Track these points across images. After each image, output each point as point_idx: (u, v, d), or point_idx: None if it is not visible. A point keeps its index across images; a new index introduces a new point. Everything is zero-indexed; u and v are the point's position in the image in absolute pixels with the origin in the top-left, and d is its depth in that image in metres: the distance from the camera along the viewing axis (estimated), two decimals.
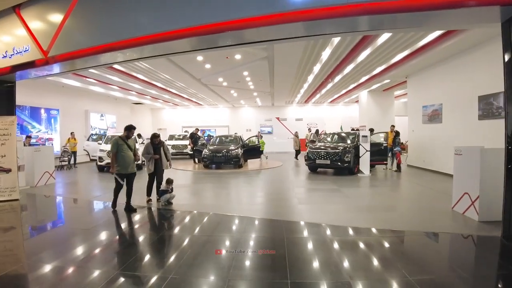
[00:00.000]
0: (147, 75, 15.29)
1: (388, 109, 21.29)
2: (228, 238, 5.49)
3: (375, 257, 4.65)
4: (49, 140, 16.75)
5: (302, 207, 7.78)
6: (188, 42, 6.51)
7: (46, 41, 7.25)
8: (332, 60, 13.06)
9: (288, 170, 15.46)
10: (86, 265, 4.35)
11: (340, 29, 6.00)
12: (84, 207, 8.56)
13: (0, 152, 8.75)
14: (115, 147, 7.21)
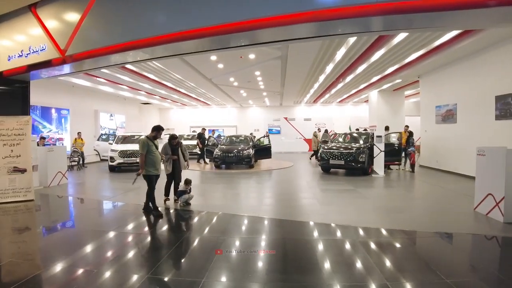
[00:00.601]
0: (158, 75, 15.23)
1: (399, 109, 21.07)
2: (259, 241, 5.36)
3: (408, 259, 4.59)
4: (59, 140, 16.74)
5: (324, 208, 7.62)
6: (203, 42, 6.43)
7: (63, 40, 7.17)
8: (346, 60, 12.92)
9: (300, 170, 15.34)
10: (115, 269, 4.25)
11: (355, 29, 5.91)
12: (102, 208, 8.47)
13: (15, 152, 8.69)
14: (145, 147, 6.96)
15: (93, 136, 19.43)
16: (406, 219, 6.69)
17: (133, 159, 14.26)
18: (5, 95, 9.25)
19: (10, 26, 8.44)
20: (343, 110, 28.89)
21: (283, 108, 29.25)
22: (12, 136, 8.67)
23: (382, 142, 12.75)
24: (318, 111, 29.07)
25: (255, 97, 23.84)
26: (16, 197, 8.57)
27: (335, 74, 15.57)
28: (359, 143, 13.83)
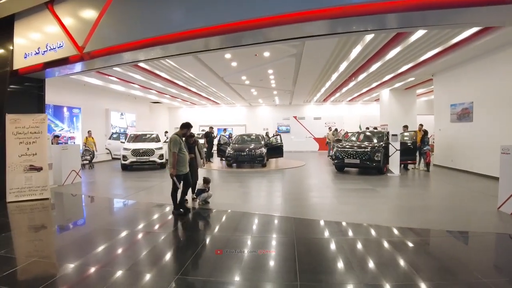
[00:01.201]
0: (170, 73, 15.17)
1: (410, 108, 20.84)
2: (287, 240, 5.23)
3: (443, 258, 4.47)
4: (71, 139, 16.76)
5: (346, 208, 7.47)
6: (218, 40, 6.42)
7: (81, 37, 7.11)
8: (360, 58, 12.75)
9: (313, 169, 15.23)
10: (143, 270, 4.14)
11: (368, 26, 5.86)
12: (119, 207, 8.42)
13: (32, 150, 8.65)
14: (177, 145, 6.66)
15: (104, 135, 19.46)
16: (431, 218, 6.56)
17: (146, 157, 14.26)
18: (20, 93, 9.23)
19: (26, 24, 8.42)
20: (353, 109, 28.63)
21: (292, 107, 29.08)
22: (28, 134, 8.63)
23: (397, 141, 12.57)
24: (327, 109, 28.85)
25: (265, 96, 23.71)
26: (32, 196, 8.53)
27: (348, 72, 15.40)
28: (373, 142, 13.66)
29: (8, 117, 8.44)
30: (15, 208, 7.83)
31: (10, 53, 8.72)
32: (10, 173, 8.38)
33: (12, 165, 8.42)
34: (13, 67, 8.66)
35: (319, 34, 6.21)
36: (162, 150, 14.76)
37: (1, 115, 8.53)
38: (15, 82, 8.92)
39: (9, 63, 8.67)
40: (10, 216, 7.36)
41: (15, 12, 8.46)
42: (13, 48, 8.67)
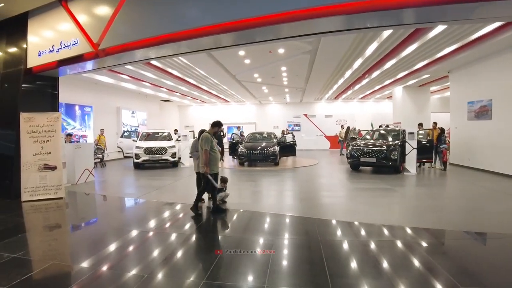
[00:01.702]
0: (182, 71, 15.04)
1: (424, 106, 20.55)
2: (307, 243, 5.06)
3: (482, 262, 4.32)
4: (83, 137, 16.73)
5: (368, 208, 7.25)
6: (235, 36, 6.31)
7: (96, 34, 7.00)
8: (376, 55, 12.50)
9: (327, 168, 15.00)
10: (168, 273, 3.98)
11: (384, 22, 5.70)
12: (137, 207, 8.23)
13: (46, 149, 8.56)
14: (208, 143, 6.55)
15: (115, 133, 19.43)
16: (459, 219, 6.37)
17: (158, 156, 14.19)
18: (34, 92, 9.17)
19: (40, 21, 8.34)
20: (365, 106, 28.27)
21: (303, 104, 28.79)
22: (42, 133, 8.55)
23: (414, 139, 12.33)
24: (339, 107, 28.50)
25: (276, 93, 23.48)
26: (47, 195, 8.45)
27: (362, 69, 15.14)
28: (389, 140, 13.41)
29: (22, 116, 8.37)
30: (29, 208, 7.75)
31: (23, 51, 8.65)
32: (25, 172, 8.31)
33: (27, 164, 8.35)
34: (27, 66, 8.60)
35: (334, 30, 6.06)
36: (175, 148, 14.67)
37: (15, 113, 8.47)
38: (28, 81, 8.86)
39: (23, 62, 8.61)
40: (25, 215, 7.28)
41: (29, 10, 8.41)
42: (27, 46, 8.61)
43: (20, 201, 8.15)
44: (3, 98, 9.02)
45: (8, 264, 4.21)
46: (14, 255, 4.50)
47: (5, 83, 8.97)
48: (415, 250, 4.66)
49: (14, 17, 8.62)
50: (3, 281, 3.72)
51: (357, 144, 13.13)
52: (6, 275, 3.87)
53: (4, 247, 4.82)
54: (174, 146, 14.78)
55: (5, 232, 5.70)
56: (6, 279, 3.74)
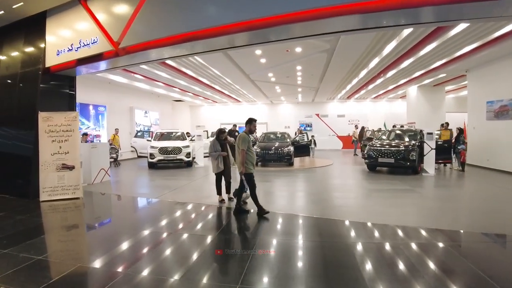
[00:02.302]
0: (196, 70, 14.99)
1: (439, 105, 20.28)
2: (340, 245, 4.86)
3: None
4: (97, 137, 16.74)
5: (391, 211, 7.02)
6: (254, 34, 6.17)
7: (116, 32, 6.90)
8: (393, 54, 12.34)
9: (343, 168, 14.83)
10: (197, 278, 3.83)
11: (400, 21, 5.56)
12: (157, 208, 7.96)
13: (64, 149, 8.50)
14: (245, 143, 6.34)
15: (128, 133, 19.44)
16: (489, 220, 6.17)
17: (173, 155, 14.14)
18: (52, 91, 9.13)
19: (59, 20, 8.29)
20: (377, 106, 27.98)
21: (314, 104, 28.57)
22: (60, 132, 8.49)
23: (433, 140, 12.09)
24: (351, 107, 28.25)
25: (288, 93, 23.35)
26: (65, 195, 8.38)
27: (378, 69, 14.97)
28: (406, 140, 13.17)
29: (40, 115, 8.32)
30: (48, 208, 7.69)
31: (42, 50, 8.61)
32: (43, 171, 8.26)
33: (45, 164, 8.30)
34: (45, 65, 8.55)
35: (350, 29, 5.97)
36: (189, 148, 14.60)
37: (34, 113, 8.43)
38: (46, 80, 8.82)
39: (41, 61, 8.57)
40: (45, 216, 7.22)
41: (47, 8, 8.34)
42: (45, 45, 8.56)
43: (38, 201, 8.09)
44: (22, 97, 9.00)
45: (34, 267, 4.10)
46: (38, 257, 4.40)
47: (24, 83, 8.94)
48: (450, 254, 4.49)
49: (32, 17, 8.57)
50: (31, 284, 3.63)
51: (375, 144, 12.91)
52: (33, 279, 3.78)
53: (28, 248, 4.73)
54: (189, 146, 14.71)
55: (26, 233, 5.63)
56: (34, 283, 3.64)
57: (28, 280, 3.76)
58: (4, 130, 9.20)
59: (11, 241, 5.07)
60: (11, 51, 9.41)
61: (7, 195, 8.71)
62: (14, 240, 5.09)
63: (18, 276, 3.82)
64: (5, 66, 9.45)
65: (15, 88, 9.09)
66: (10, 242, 5.00)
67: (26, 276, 3.84)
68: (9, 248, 4.71)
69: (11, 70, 9.26)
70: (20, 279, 3.77)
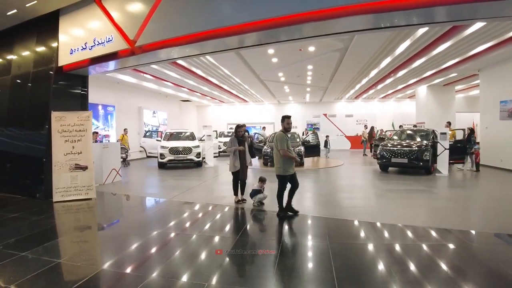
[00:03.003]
0: (206, 70, 14.86)
1: (449, 105, 20.05)
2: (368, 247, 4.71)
3: None
4: (106, 137, 16.66)
5: (411, 212, 6.87)
6: (268, 34, 6.06)
7: (132, 30, 6.78)
8: (405, 54, 12.16)
9: (354, 168, 14.67)
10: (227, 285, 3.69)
11: (413, 20, 5.43)
12: (171, 209, 7.66)
13: (77, 149, 8.40)
14: (283, 142, 6.05)
15: (137, 133, 19.38)
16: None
17: (183, 155, 14.05)
18: (64, 91, 9.05)
19: (72, 19, 8.19)
20: (385, 106, 27.71)
21: (322, 104, 28.36)
22: (73, 132, 8.39)
23: (446, 140, 11.90)
24: (359, 107, 28.01)
25: (296, 93, 23.16)
26: (78, 195, 8.29)
27: (389, 68, 14.77)
28: (418, 140, 12.98)
29: (53, 115, 8.23)
30: (62, 209, 7.60)
31: (55, 49, 8.53)
32: (56, 172, 8.17)
33: (58, 164, 8.20)
34: (58, 64, 8.46)
35: (363, 29, 5.91)
36: (199, 148, 14.50)
37: (47, 112, 8.35)
38: (59, 79, 8.74)
39: (54, 60, 8.49)
40: (60, 217, 7.11)
41: (60, 7, 8.26)
42: (58, 44, 8.47)
43: (51, 201, 8.00)
44: (34, 97, 8.93)
45: (55, 270, 3.99)
46: (58, 260, 4.29)
47: (36, 82, 8.86)
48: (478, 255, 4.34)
49: (45, 15, 8.49)
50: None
51: (388, 144, 12.73)
52: (56, 283, 3.67)
53: (46, 251, 4.62)
54: (199, 146, 14.60)
55: (43, 235, 5.53)
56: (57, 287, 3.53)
57: (50, 284, 3.63)
58: (17, 130, 9.15)
59: (28, 243, 4.97)
60: (23, 51, 9.34)
61: (19, 196, 8.65)
62: (32, 242, 4.98)
63: (40, 280, 3.70)
64: (17, 66, 9.39)
65: (27, 87, 9.03)
66: (28, 244, 4.89)
67: (47, 280, 3.71)
68: (27, 250, 4.60)
69: (23, 70, 9.19)
70: (41, 283, 3.64)
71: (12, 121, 9.28)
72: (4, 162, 9.34)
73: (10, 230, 5.71)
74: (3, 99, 9.48)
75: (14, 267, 4.06)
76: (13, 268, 4.04)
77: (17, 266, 4.08)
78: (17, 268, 4.04)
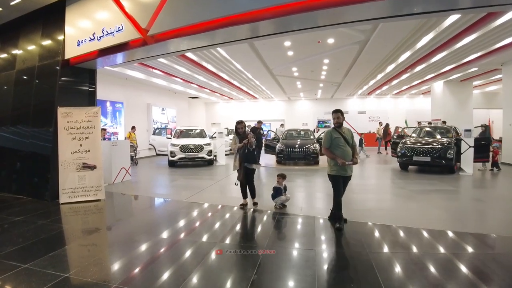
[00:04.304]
0: (217, 65, 14.34)
1: (466, 101, 19.48)
2: (430, 257, 4.11)
3: None
4: (114, 134, 16.19)
5: (448, 215, 6.35)
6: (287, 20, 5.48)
7: (145, 18, 6.23)
8: (427, 47, 11.64)
9: (372, 167, 14.09)
10: None
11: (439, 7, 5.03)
12: (188, 212, 6.99)
13: (84, 147, 7.89)
14: (328, 141, 5.39)
15: (145, 130, 18.89)
16: None
17: (194, 154, 13.57)
18: (71, 85, 8.55)
19: (79, 8, 7.68)
20: (398, 102, 26.98)
21: (333, 100, 27.67)
22: (80, 129, 7.88)
23: (471, 137, 11.26)
24: (371, 103, 27.33)
25: (308, 89, 22.53)
26: (86, 197, 7.78)
27: (407, 63, 14.23)
28: (441, 138, 12.33)
29: (59, 111, 7.72)
30: (69, 211, 7.10)
31: (61, 41, 8.02)
32: (63, 171, 7.67)
33: (65, 163, 7.70)
34: (64, 57, 7.95)
35: (384, 16, 5.45)
36: (211, 146, 14.00)
37: (53, 108, 7.85)
38: (65, 73, 8.20)
39: (60, 53, 7.97)
40: (67, 221, 6.56)
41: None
42: (64, 36, 7.95)
43: (58, 203, 7.50)
44: (39, 92, 8.42)
45: (61, 287, 3.47)
46: (65, 274, 3.76)
47: (41, 76, 8.36)
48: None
49: (50, 5, 8.00)
50: None
51: (409, 142, 12.10)
52: None
53: (52, 262, 4.08)
54: (210, 143, 14.09)
55: (49, 242, 5.00)
56: None
57: None
58: (21, 127, 8.67)
59: (33, 252, 4.46)
60: (28, 43, 8.85)
61: (24, 196, 8.18)
62: (36, 251, 4.48)
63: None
64: (22, 59, 8.91)
65: (32, 82, 8.52)
66: (32, 254, 4.38)
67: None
68: (30, 261, 4.08)
69: (28, 63, 8.70)
70: None
71: (16, 117, 8.80)
72: (8, 161, 8.89)
73: (13, 236, 5.21)
74: (7, 95, 9.02)
75: (14, 283, 3.55)
76: (14, 284, 3.53)
77: (17, 282, 3.58)
78: (18, 284, 3.53)
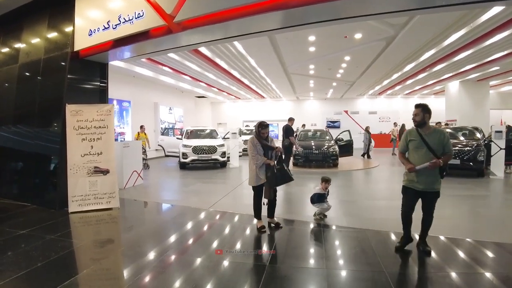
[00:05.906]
0: (230, 61, 13.65)
1: (482, 102, 18.94)
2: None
3: None
4: (121, 134, 15.40)
5: (496, 224, 5.78)
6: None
7: (171, 2, 5.42)
8: (453, 45, 11.10)
9: (393, 170, 13.34)
10: None
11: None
12: (213, 222, 6.20)
13: (96, 149, 7.07)
14: (403, 144, 4.46)
15: (153, 130, 18.11)
16: None
17: (208, 155, 12.78)
18: (81, 81, 7.75)
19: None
20: (409, 103, 26.19)
21: (343, 100, 27.00)
22: (92, 129, 7.06)
23: (502, 139, 10.54)
24: (381, 103, 26.74)
25: (320, 88, 21.85)
26: (98, 205, 6.95)
27: (428, 62, 13.66)
28: (469, 139, 11.56)
29: (68, 108, 6.89)
30: (80, 222, 6.29)
31: (70, 31, 7.18)
32: (72, 176, 6.84)
33: (74, 167, 6.88)
34: (73, 48, 7.12)
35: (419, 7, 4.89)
36: (224, 147, 13.23)
37: (60, 106, 7.03)
38: (75, 67, 7.34)
39: (70, 44, 7.13)
40: (78, 236, 5.68)
41: None
42: (74, 25, 7.11)
43: (67, 212, 6.67)
44: (46, 87, 7.59)
45: None
46: None
47: (48, 70, 7.53)
48: None
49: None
50: None
51: None
52: None
53: None
54: (224, 144, 13.31)
55: (59, 265, 4.11)
56: None
57: None
58: (26, 127, 7.87)
59: (41, 281, 3.66)
60: (33, 34, 8.01)
61: (29, 204, 7.34)
62: (46, 280, 3.66)
63: None
64: (25, 52, 8.09)
65: (37, 76, 7.70)
66: (41, 283, 3.60)
67: None
68: None
69: (32, 57, 7.88)
70: None
71: (20, 116, 8.00)
72: (11, 165, 8.10)
73: (16, 257, 4.31)
74: (10, 91, 8.21)
75: None
76: None
77: None
78: None
